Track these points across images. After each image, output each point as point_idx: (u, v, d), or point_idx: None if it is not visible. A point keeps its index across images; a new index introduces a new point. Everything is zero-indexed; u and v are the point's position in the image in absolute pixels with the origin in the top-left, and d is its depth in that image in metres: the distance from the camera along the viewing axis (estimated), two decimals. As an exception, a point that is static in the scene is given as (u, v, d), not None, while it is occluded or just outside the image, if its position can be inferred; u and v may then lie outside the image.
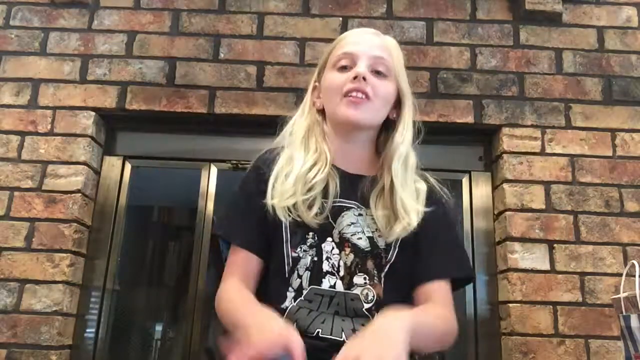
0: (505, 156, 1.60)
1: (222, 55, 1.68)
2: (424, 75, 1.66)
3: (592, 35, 1.71)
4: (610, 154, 1.61)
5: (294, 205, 0.95)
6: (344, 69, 1.01)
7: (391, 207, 0.98)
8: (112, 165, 1.68)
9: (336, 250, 0.98)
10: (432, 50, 1.69)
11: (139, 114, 1.65)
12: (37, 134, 1.61)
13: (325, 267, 0.97)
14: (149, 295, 2.33)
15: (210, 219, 1.63)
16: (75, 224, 1.54)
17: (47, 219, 1.53)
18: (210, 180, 1.67)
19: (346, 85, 0.99)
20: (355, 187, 1.01)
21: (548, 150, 1.61)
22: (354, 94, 0.98)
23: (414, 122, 1.05)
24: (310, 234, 0.97)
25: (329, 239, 0.98)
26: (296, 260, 0.96)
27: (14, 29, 1.70)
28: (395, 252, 0.98)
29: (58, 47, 1.69)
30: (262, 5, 1.72)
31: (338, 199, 0.99)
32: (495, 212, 1.63)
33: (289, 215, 0.96)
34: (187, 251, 1.82)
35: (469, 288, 1.59)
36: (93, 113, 1.63)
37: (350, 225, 0.99)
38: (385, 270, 0.97)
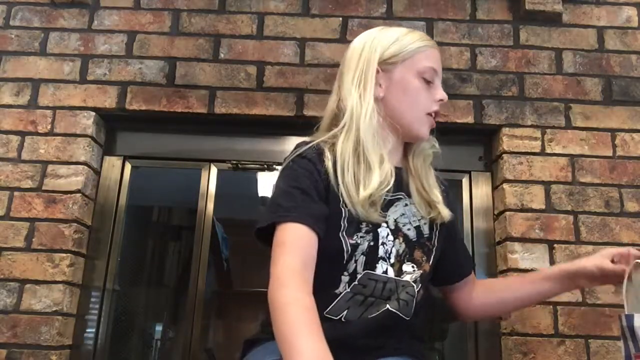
0: (505, 156, 1.60)
1: (222, 56, 1.68)
2: (424, 75, 1.66)
3: (592, 35, 1.71)
4: (610, 154, 1.60)
5: (362, 205, 0.97)
6: (427, 82, 1.06)
7: (424, 196, 1.06)
8: (112, 165, 1.68)
9: (391, 237, 1.01)
10: (432, 50, 1.69)
11: (139, 114, 1.65)
12: (37, 134, 1.61)
13: (381, 252, 0.99)
14: (149, 295, 2.33)
15: (210, 219, 1.64)
16: (75, 224, 1.54)
17: (47, 219, 1.53)
18: (210, 180, 1.67)
19: (432, 105, 1.06)
20: (400, 179, 1.06)
21: (548, 150, 1.60)
22: (434, 115, 1.07)
23: None
24: (364, 222, 0.99)
25: (384, 224, 1.01)
26: (355, 247, 0.97)
27: (14, 29, 1.70)
28: (437, 238, 1.07)
29: (58, 47, 1.69)
30: (262, 5, 1.72)
31: (391, 193, 1.03)
32: (495, 212, 1.63)
33: (350, 212, 0.98)
34: (187, 251, 1.82)
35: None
36: (93, 113, 1.63)
37: (401, 215, 1.04)
38: (433, 255, 1.05)
